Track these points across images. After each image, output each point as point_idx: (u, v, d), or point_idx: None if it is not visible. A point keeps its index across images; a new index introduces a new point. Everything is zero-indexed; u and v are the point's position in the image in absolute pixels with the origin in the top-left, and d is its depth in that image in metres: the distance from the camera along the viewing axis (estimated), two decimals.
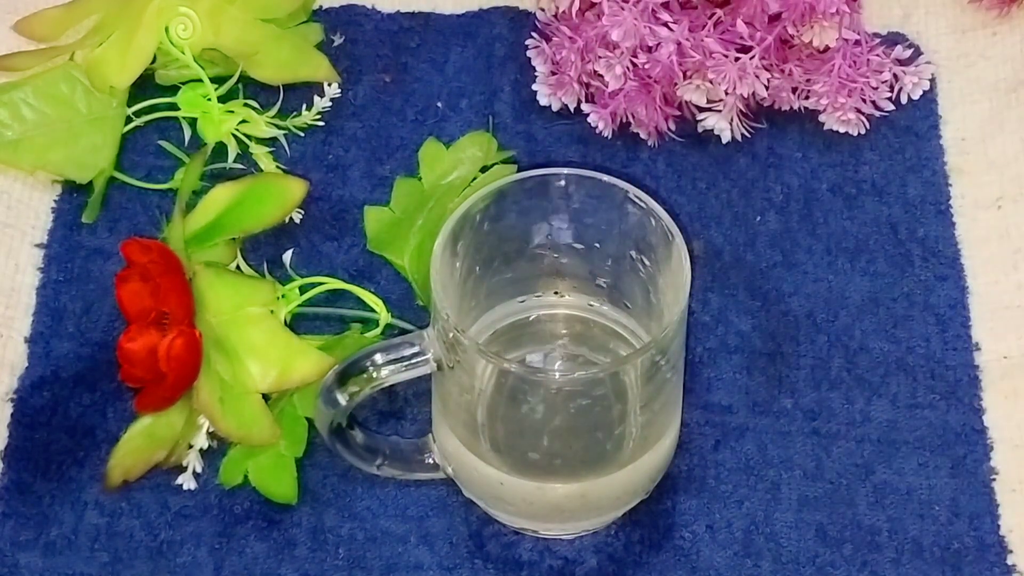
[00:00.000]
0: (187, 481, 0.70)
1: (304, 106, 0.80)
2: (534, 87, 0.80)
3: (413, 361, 0.65)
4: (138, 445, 0.70)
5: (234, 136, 0.78)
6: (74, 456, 0.71)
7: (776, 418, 0.72)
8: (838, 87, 0.78)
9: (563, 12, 0.79)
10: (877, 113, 0.79)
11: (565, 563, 0.69)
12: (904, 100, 0.80)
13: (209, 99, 0.78)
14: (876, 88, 0.79)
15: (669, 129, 0.79)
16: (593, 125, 0.79)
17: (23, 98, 0.77)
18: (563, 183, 0.66)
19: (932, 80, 0.81)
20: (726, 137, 0.79)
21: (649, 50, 0.76)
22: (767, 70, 0.77)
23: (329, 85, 0.80)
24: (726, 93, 0.77)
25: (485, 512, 0.69)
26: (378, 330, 0.72)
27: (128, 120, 0.79)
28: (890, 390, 0.73)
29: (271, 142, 0.79)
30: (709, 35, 0.76)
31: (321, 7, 0.84)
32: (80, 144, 0.77)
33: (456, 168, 0.77)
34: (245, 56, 0.79)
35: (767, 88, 0.78)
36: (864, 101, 0.79)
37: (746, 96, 0.77)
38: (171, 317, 0.68)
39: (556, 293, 0.70)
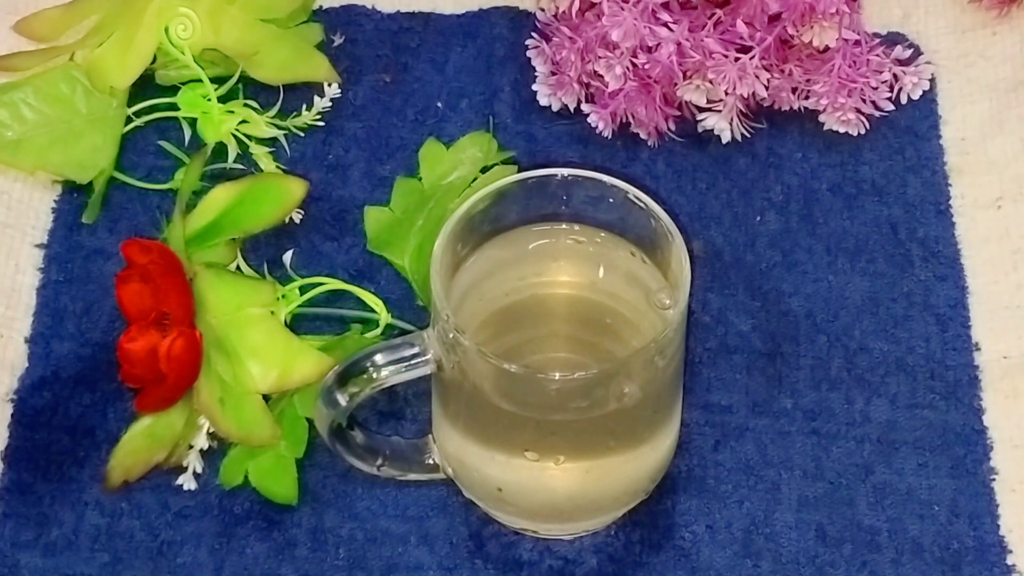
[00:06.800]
0: (187, 481, 0.70)
1: (304, 106, 0.80)
2: (534, 87, 0.80)
3: (413, 362, 0.65)
4: (138, 445, 0.70)
5: (234, 136, 0.78)
6: (74, 456, 0.71)
7: (776, 418, 0.72)
8: (838, 87, 0.78)
9: (563, 12, 0.79)
10: (877, 113, 0.79)
11: (565, 563, 0.69)
12: (904, 100, 0.80)
13: (209, 99, 0.78)
14: (876, 88, 0.79)
15: (669, 129, 0.79)
16: (593, 125, 0.79)
17: (23, 98, 0.77)
18: (563, 183, 0.66)
19: (932, 80, 0.81)
20: (726, 137, 0.79)
21: (649, 50, 0.76)
22: (767, 70, 0.77)
23: (329, 85, 0.80)
24: (726, 93, 0.77)
25: (485, 512, 0.69)
26: (378, 331, 0.73)
27: (128, 120, 0.79)
28: (890, 390, 0.73)
29: (271, 142, 0.79)
30: (709, 35, 0.76)
31: (321, 7, 0.84)
32: (80, 144, 0.77)
33: (456, 168, 0.77)
34: (245, 56, 0.79)
35: (767, 88, 0.78)
36: (864, 101, 0.79)
37: (746, 96, 0.77)
38: (171, 318, 0.68)
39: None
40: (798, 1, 0.75)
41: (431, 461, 0.69)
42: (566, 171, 0.67)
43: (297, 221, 0.77)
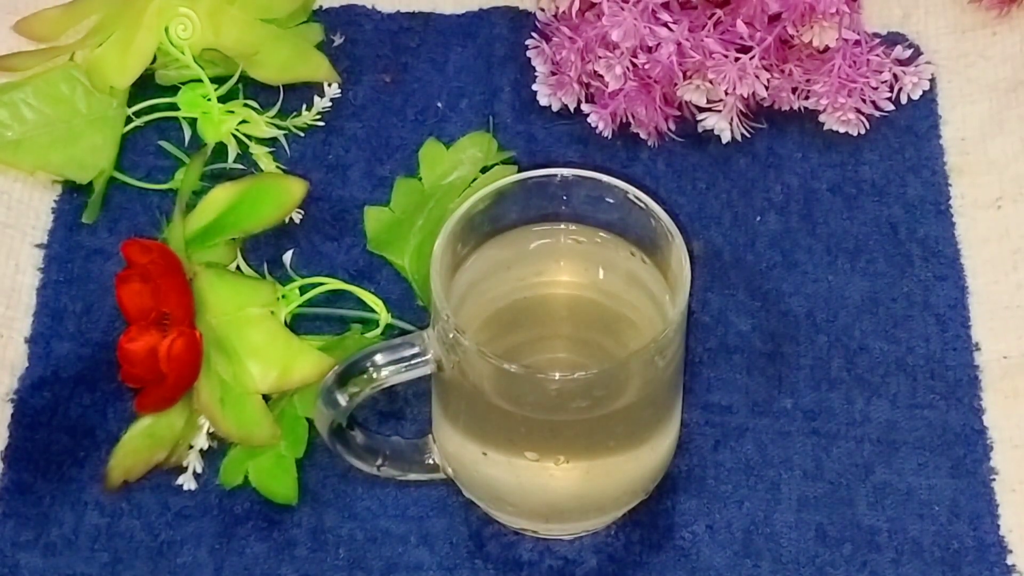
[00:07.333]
0: (187, 481, 0.70)
1: (304, 106, 0.80)
2: (534, 87, 0.80)
3: (413, 362, 0.65)
4: (138, 445, 0.70)
5: (234, 136, 0.78)
6: (74, 456, 0.71)
7: (776, 418, 0.72)
8: (838, 87, 0.78)
9: (563, 12, 0.79)
10: (877, 113, 0.79)
11: (565, 563, 0.69)
12: (904, 100, 0.80)
13: (209, 99, 0.78)
14: (876, 88, 0.79)
15: (669, 129, 0.79)
16: (593, 125, 0.79)
17: (23, 98, 0.77)
18: (563, 183, 0.66)
19: (932, 80, 0.81)
20: (726, 137, 0.79)
21: (649, 50, 0.76)
22: (767, 70, 0.77)
23: (329, 85, 0.80)
24: (726, 93, 0.77)
25: (485, 512, 0.69)
26: (378, 331, 0.73)
27: (128, 120, 0.79)
28: (890, 390, 0.73)
29: (271, 142, 0.79)
30: (709, 35, 0.76)
31: (321, 7, 0.84)
32: (80, 144, 0.77)
33: (456, 168, 0.77)
34: (245, 56, 0.79)
35: (767, 88, 0.78)
36: (864, 101, 0.79)
37: (746, 96, 0.77)
38: (171, 318, 0.68)
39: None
40: (798, 1, 0.75)
41: (431, 461, 0.69)
42: (566, 171, 0.67)
43: (297, 221, 0.77)
